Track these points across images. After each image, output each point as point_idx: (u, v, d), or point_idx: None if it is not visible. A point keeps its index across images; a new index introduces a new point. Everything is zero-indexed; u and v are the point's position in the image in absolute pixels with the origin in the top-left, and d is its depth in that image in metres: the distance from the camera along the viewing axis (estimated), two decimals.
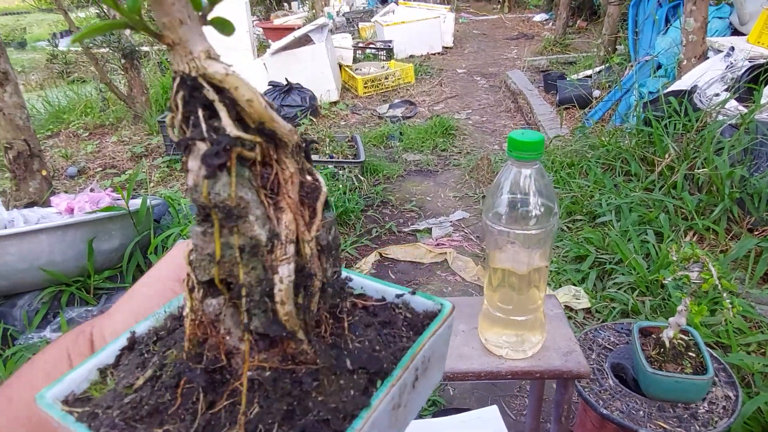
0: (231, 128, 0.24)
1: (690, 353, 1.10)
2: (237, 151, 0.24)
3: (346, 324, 0.30)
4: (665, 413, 1.08)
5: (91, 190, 2.64)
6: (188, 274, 0.27)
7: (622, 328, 1.33)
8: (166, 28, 0.24)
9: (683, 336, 1.11)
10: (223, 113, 0.24)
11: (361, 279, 0.35)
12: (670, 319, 1.08)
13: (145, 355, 0.30)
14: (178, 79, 0.24)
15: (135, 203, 2.34)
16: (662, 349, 1.10)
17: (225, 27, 0.27)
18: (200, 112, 0.24)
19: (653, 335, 1.16)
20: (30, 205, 2.90)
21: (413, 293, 0.33)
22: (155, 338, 0.31)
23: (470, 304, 1.00)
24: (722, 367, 1.19)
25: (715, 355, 1.22)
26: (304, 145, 0.28)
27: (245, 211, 0.25)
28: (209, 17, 0.26)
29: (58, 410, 0.27)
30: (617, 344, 1.28)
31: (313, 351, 0.27)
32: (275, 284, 0.26)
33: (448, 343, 0.34)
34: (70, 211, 2.48)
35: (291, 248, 0.26)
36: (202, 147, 0.24)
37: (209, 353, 0.27)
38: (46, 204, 2.78)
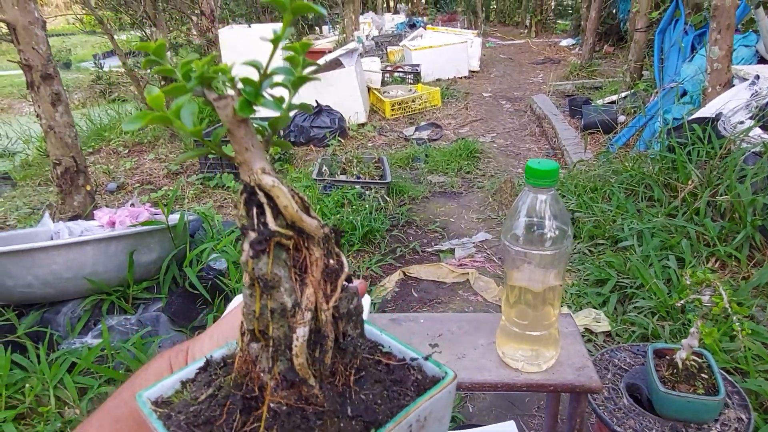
0: (272, 224, 0.33)
1: (703, 375, 1.14)
2: (275, 240, 0.33)
3: (352, 378, 0.36)
4: None
5: (132, 205, 2.79)
6: (242, 322, 0.36)
7: (638, 350, 1.37)
8: (236, 152, 0.34)
9: (696, 358, 1.15)
10: (268, 213, 0.33)
11: (390, 340, 0.41)
12: (683, 341, 1.13)
13: (212, 377, 0.38)
14: (242, 186, 0.34)
15: (173, 218, 2.47)
16: (675, 370, 1.14)
17: (284, 146, 0.37)
18: (254, 210, 0.33)
19: (667, 357, 1.20)
20: (74, 217, 3.07)
21: (426, 358, 0.39)
22: (223, 364, 0.39)
23: (490, 320, 1.07)
24: (736, 390, 1.22)
25: (728, 377, 1.25)
26: (333, 234, 0.37)
27: (278, 283, 0.33)
28: (272, 140, 0.36)
29: (148, 408, 0.35)
30: (633, 365, 1.32)
31: (323, 396, 0.34)
32: (293, 341, 0.33)
33: (449, 408, 0.38)
34: (112, 224, 2.62)
35: (308, 315, 0.34)
36: (252, 235, 0.33)
37: (248, 384, 0.35)
38: (90, 217, 2.94)
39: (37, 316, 2.22)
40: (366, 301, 0.62)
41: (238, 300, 0.50)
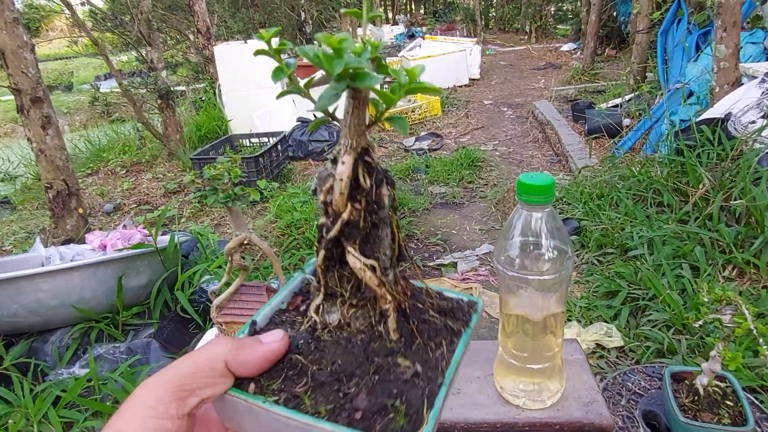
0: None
1: (727, 401, 1.03)
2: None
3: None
4: None
5: (124, 227, 2.72)
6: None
7: (653, 372, 1.26)
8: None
9: (719, 383, 1.04)
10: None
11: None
12: (704, 366, 1.02)
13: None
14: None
15: (164, 240, 2.39)
16: (696, 397, 1.04)
17: (401, 125, 0.37)
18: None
19: (686, 381, 1.09)
20: (67, 241, 3.01)
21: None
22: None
23: (487, 349, 0.97)
24: (765, 416, 1.11)
25: (756, 402, 1.14)
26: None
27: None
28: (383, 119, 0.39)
29: None
30: (648, 389, 1.21)
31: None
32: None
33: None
34: (104, 247, 2.55)
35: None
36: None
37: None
38: (82, 241, 2.87)
39: (25, 346, 2.14)
40: None
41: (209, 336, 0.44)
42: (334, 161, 0.37)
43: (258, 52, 0.37)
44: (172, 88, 4.68)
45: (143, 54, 4.55)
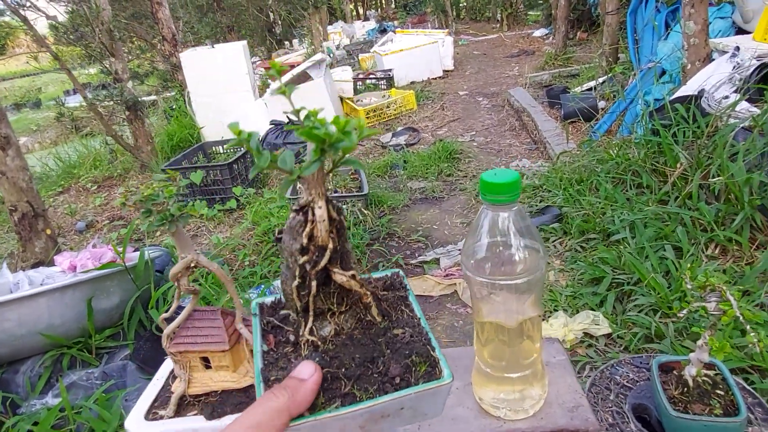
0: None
1: (718, 390, 0.99)
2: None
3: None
4: None
5: (94, 246, 2.62)
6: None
7: (641, 363, 1.22)
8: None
9: (708, 371, 1.00)
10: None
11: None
12: (691, 356, 0.98)
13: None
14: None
15: (134, 257, 2.31)
16: (686, 388, 0.99)
17: (357, 165, 0.47)
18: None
19: (675, 371, 1.05)
20: (36, 265, 2.90)
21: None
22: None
23: (465, 356, 0.91)
24: (757, 401, 1.07)
25: (747, 387, 1.10)
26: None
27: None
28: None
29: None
30: (637, 381, 1.17)
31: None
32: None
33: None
34: (74, 269, 2.45)
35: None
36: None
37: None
38: (52, 263, 2.77)
39: None
40: None
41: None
42: (300, 211, 0.45)
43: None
44: (140, 99, 4.56)
45: (107, 65, 4.42)
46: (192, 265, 0.73)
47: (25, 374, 2.05)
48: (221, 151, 4.33)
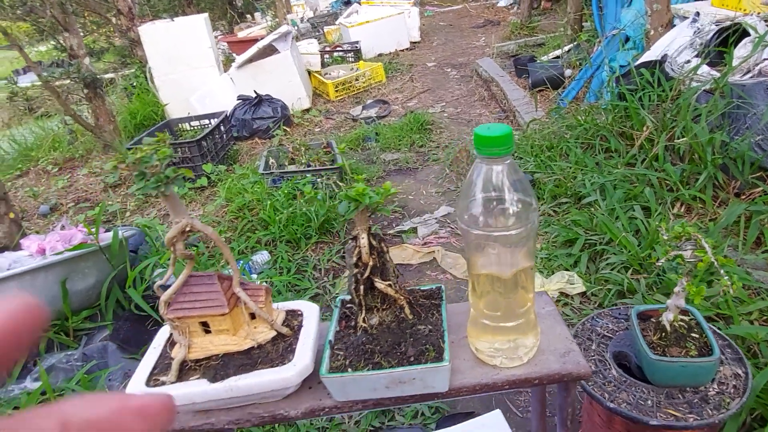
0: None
1: (693, 334, 1.05)
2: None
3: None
4: (674, 400, 1.03)
5: (62, 228, 2.54)
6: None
7: (619, 314, 1.28)
8: None
9: (683, 317, 1.06)
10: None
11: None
12: (668, 302, 1.03)
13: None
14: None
15: (107, 237, 2.25)
16: (664, 334, 1.05)
17: (385, 211, 0.79)
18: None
19: (653, 319, 1.11)
20: (1, 250, 2.80)
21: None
22: None
23: (456, 312, 0.94)
24: (727, 343, 1.14)
25: (718, 331, 1.17)
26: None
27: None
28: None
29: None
30: (616, 331, 1.23)
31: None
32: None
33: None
34: (42, 251, 2.38)
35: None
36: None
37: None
38: (18, 247, 2.67)
39: None
40: (314, 310, 0.81)
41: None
42: (353, 238, 0.72)
43: None
44: (99, 76, 4.37)
45: (61, 41, 4.21)
46: (187, 229, 0.73)
47: None
48: (188, 128, 4.22)
